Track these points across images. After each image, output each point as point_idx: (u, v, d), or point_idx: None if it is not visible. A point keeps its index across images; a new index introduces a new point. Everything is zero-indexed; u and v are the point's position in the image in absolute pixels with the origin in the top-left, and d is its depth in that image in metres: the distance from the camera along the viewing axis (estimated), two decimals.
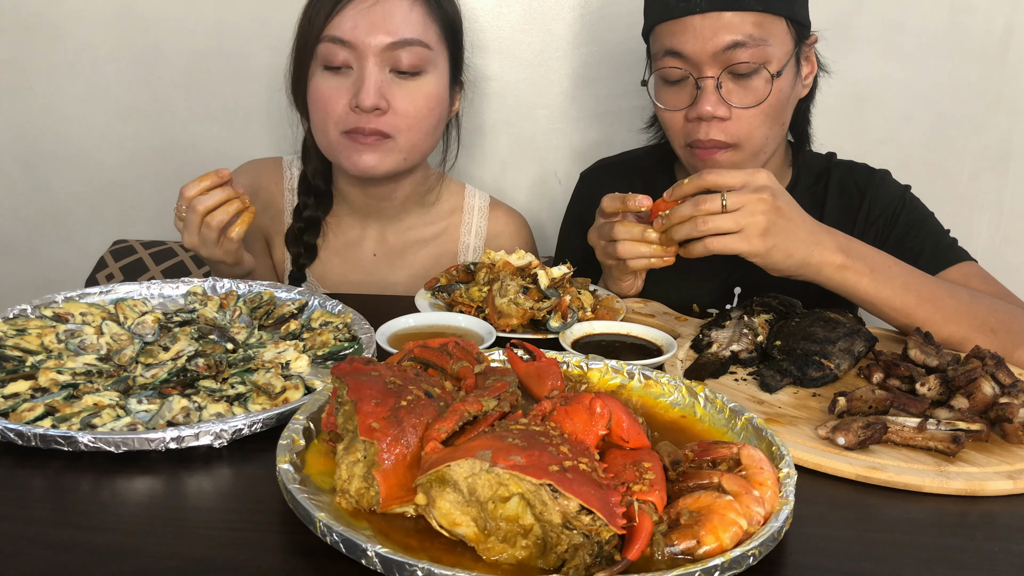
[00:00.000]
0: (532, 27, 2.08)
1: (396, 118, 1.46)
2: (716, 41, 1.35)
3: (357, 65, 1.44)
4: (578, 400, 0.82)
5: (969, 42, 2.06)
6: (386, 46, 1.42)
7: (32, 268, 2.26)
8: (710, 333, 1.25)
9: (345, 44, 1.42)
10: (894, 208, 1.55)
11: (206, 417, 0.94)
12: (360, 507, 0.76)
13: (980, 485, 0.91)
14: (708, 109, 1.37)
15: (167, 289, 1.30)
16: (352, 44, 1.42)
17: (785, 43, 1.39)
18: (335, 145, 1.49)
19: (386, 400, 0.78)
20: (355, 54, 1.43)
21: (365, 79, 1.42)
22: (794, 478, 0.80)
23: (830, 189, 1.59)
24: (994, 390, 1.05)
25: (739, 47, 1.35)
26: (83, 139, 2.15)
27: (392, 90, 1.45)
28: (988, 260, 2.20)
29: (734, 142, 1.41)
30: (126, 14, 2.06)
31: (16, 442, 0.88)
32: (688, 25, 1.36)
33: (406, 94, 1.46)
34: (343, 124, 1.46)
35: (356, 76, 1.44)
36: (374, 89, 1.42)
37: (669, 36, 1.39)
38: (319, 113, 1.47)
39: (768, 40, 1.36)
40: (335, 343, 1.15)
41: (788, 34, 1.39)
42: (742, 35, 1.34)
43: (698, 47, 1.36)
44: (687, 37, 1.36)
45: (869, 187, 1.57)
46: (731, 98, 1.38)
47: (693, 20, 1.35)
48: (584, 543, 0.68)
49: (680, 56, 1.38)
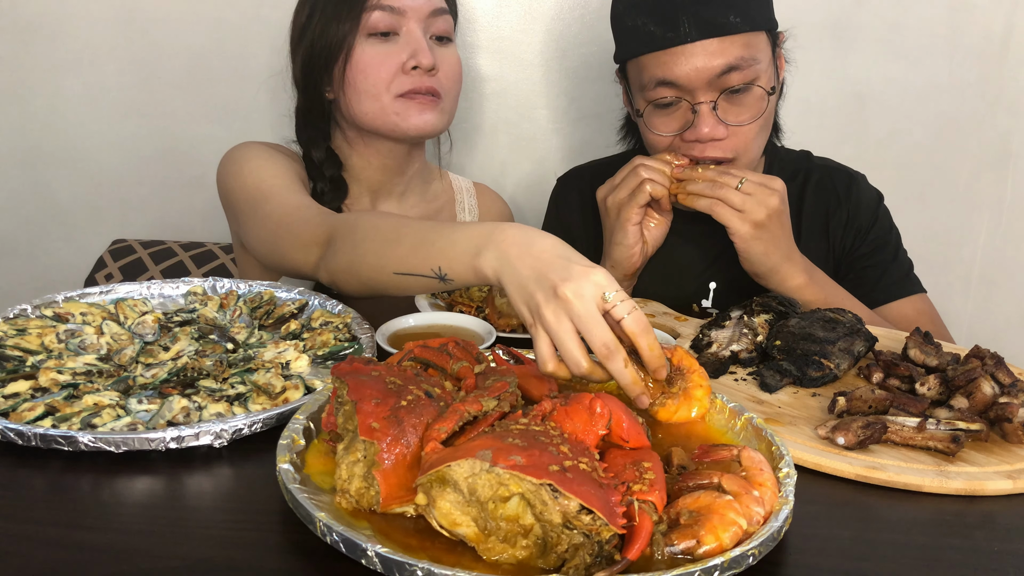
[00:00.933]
0: (532, 27, 2.08)
1: (443, 78, 1.53)
2: (710, 68, 1.35)
3: (406, 29, 1.50)
4: (578, 400, 0.82)
5: (969, 42, 2.06)
6: (429, 13, 1.51)
7: (32, 268, 2.26)
8: (710, 333, 1.25)
9: (395, 11, 1.48)
10: (868, 222, 1.60)
11: (206, 417, 0.94)
12: (360, 507, 0.76)
13: (980, 485, 0.91)
14: (706, 131, 1.39)
15: (167, 289, 1.30)
16: (401, 10, 1.49)
17: (767, 54, 1.42)
18: (388, 108, 1.51)
19: (386, 400, 0.78)
20: (403, 20, 1.49)
21: (419, 40, 1.49)
22: (794, 478, 0.81)
23: (808, 189, 1.62)
24: (994, 390, 1.05)
25: (732, 71, 1.36)
26: (83, 139, 2.15)
27: (436, 53, 1.52)
28: (988, 260, 2.22)
29: (733, 156, 1.43)
30: (126, 14, 2.06)
31: (16, 442, 0.88)
32: (678, 54, 1.36)
33: (444, 58, 1.54)
34: (398, 87, 1.50)
35: (405, 40, 1.50)
36: (429, 51, 1.49)
37: (659, 67, 1.38)
38: (370, 80, 1.50)
39: (757, 58, 1.38)
40: (335, 343, 1.15)
41: (768, 45, 1.43)
42: (734, 58, 1.35)
43: (692, 75, 1.36)
44: (679, 66, 1.36)
45: (848, 193, 1.61)
46: (727, 117, 1.40)
47: (683, 49, 1.35)
48: (584, 543, 0.68)
49: (672, 85, 1.38)
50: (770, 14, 1.43)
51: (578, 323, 0.91)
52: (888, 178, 1.68)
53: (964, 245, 2.20)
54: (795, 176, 1.62)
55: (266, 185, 1.44)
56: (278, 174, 1.47)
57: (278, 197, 1.41)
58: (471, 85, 2.12)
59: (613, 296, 0.92)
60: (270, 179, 1.45)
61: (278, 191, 1.42)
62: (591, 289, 0.91)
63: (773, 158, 1.63)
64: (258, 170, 1.47)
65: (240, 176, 1.48)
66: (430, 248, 1.10)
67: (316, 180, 1.58)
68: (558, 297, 0.91)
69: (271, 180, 1.45)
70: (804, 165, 1.64)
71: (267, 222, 1.39)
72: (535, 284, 0.94)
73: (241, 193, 1.47)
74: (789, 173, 1.61)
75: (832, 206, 1.59)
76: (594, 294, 0.91)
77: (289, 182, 1.46)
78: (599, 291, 0.91)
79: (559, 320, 0.91)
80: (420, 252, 1.12)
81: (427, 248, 1.11)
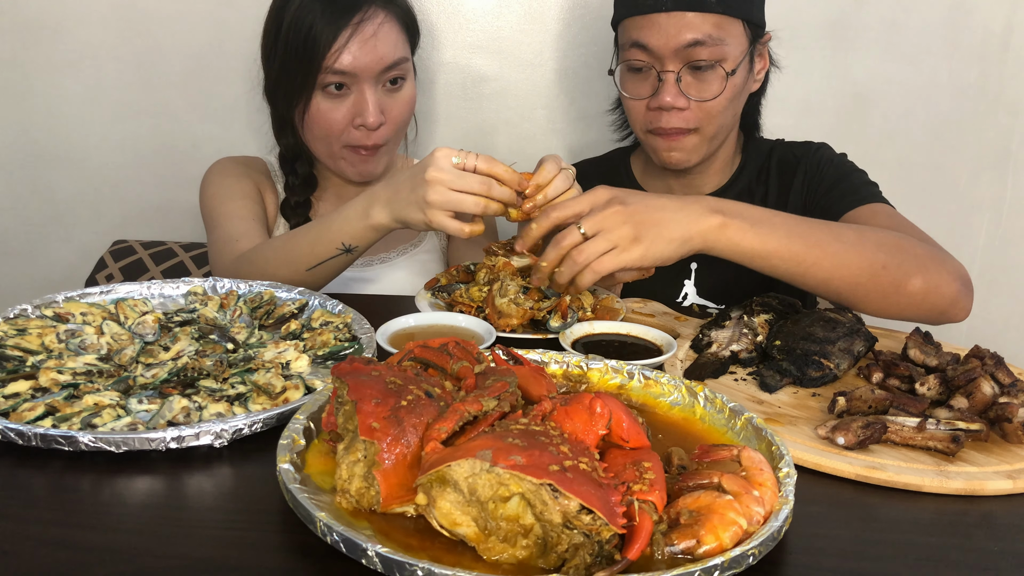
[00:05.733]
0: (532, 27, 2.08)
1: (388, 127, 1.62)
2: (678, 38, 1.45)
3: (356, 88, 1.57)
4: (578, 400, 0.82)
5: (969, 42, 2.06)
6: (380, 71, 1.57)
7: (32, 268, 2.26)
8: (710, 333, 1.25)
9: (346, 74, 1.55)
10: (822, 168, 1.63)
11: (206, 417, 0.94)
12: (360, 507, 0.76)
13: (980, 485, 0.91)
14: (668, 99, 1.49)
15: (167, 289, 1.30)
16: (353, 73, 1.55)
17: (741, 43, 1.50)
18: (336, 155, 1.65)
19: (386, 400, 0.78)
20: (354, 79, 1.56)
21: (367, 101, 1.57)
22: (794, 478, 0.81)
23: (771, 167, 1.69)
24: (994, 390, 1.05)
25: (699, 45, 1.46)
26: (83, 139, 2.15)
27: (385, 103, 1.61)
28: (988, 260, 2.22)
29: (694, 127, 1.53)
30: (126, 14, 2.06)
31: (16, 442, 0.88)
32: (654, 21, 1.47)
33: (394, 103, 1.62)
34: (345, 139, 1.61)
35: (356, 99, 1.58)
36: (376, 109, 1.58)
37: (636, 30, 1.50)
38: (322, 129, 1.61)
39: (726, 40, 1.47)
40: (335, 343, 1.15)
41: (744, 34, 1.51)
42: (702, 34, 1.45)
43: (662, 42, 1.47)
44: (652, 32, 1.47)
45: (803, 157, 1.66)
46: (689, 91, 1.50)
47: (659, 17, 1.46)
48: (584, 542, 0.68)
49: (645, 49, 1.49)
50: (752, 6, 1.50)
51: (452, 186, 1.19)
52: (888, 178, 1.67)
53: (964, 245, 2.20)
54: (765, 162, 1.71)
55: (216, 213, 1.62)
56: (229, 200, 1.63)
57: (220, 228, 1.59)
58: (471, 85, 2.12)
59: (459, 157, 1.20)
60: (219, 207, 1.62)
61: (224, 220, 1.60)
62: (443, 162, 1.20)
63: (750, 151, 1.72)
64: (213, 197, 1.65)
65: (203, 199, 1.67)
66: (328, 234, 1.33)
67: (288, 174, 1.72)
68: (427, 182, 1.19)
69: (220, 208, 1.62)
70: (771, 150, 1.71)
71: (210, 248, 1.60)
72: (410, 193, 1.23)
73: (203, 214, 1.67)
74: (760, 161, 1.71)
75: (791, 173, 1.66)
76: (447, 163, 1.19)
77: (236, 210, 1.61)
78: (448, 159, 1.20)
79: (440, 194, 1.19)
80: (322, 240, 1.34)
81: (326, 235, 1.34)
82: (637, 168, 1.77)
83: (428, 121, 2.14)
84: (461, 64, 2.11)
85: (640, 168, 1.77)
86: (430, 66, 2.10)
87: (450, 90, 2.13)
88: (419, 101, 1.75)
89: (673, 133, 1.53)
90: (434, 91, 2.12)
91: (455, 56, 2.10)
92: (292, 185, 1.72)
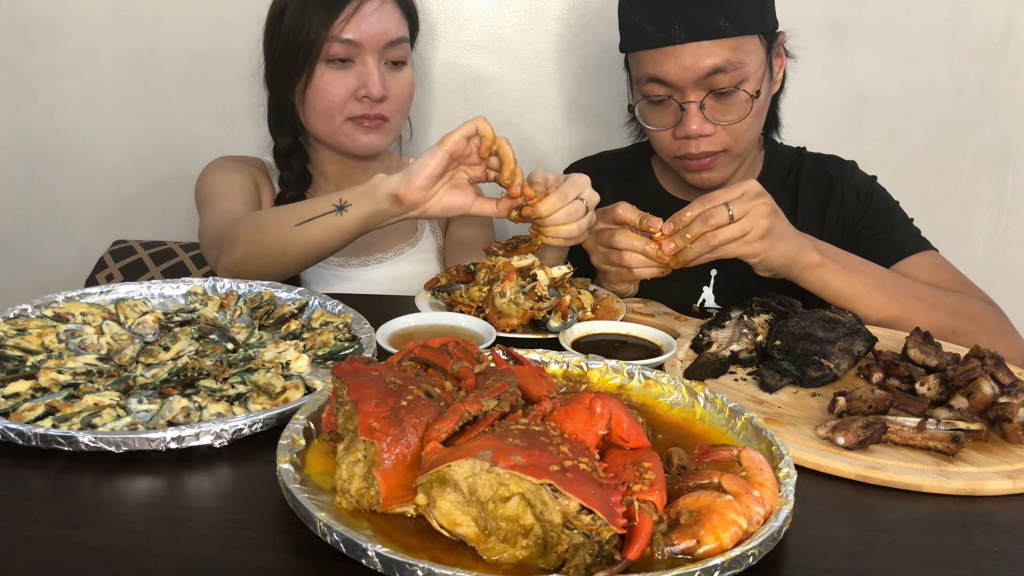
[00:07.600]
0: (532, 27, 2.08)
1: (391, 103, 1.66)
2: (696, 69, 1.43)
3: (360, 60, 1.62)
4: (578, 400, 0.82)
5: (969, 42, 2.06)
6: (384, 44, 1.62)
7: (32, 268, 2.26)
8: (710, 333, 1.25)
9: (352, 44, 1.60)
10: (864, 198, 1.63)
11: (206, 417, 0.94)
12: (360, 507, 0.76)
13: (980, 485, 0.91)
14: (694, 128, 1.47)
15: (167, 289, 1.30)
16: (358, 43, 1.60)
17: (759, 56, 1.48)
18: (339, 129, 1.66)
19: (386, 400, 0.78)
20: (358, 51, 1.61)
21: (371, 72, 1.61)
22: (794, 478, 0.81)
23: (802, 179, 1.68)
24: (994, 390, 1.05)
25: (719, 72, 1.43)
26: (83, 139, 2.15)
27: (387, 80, 1.65)
28: (988, 260, 2.22)
29: (723, 149, 1.51)
30: (126, 14, 2.06)
31: (16, 442, 0.88)
32: (668, 54, 1.44)
33: (395, 82, 1.67)
34: (348, 111, 1.64)
35: (360, 70, 1.62)
36: (380, 81, 1.62)
37: (652, 64, 1.47)
38: (324, 102, 1.63)
39: (744, 61, 1.44)
40: (335, 343, 1.15)
41: (761, 46, 1.49)
42: (721, 60, 1.42)
43: (680, 75, 1.44)
44: (669, 65, 1.44)
45: (840, 178, 1.66)
46: (714, 116, 1.48)
47: (674, 49, 1.43)
48: (584, 543, 0.68)
49: (663, 83, 1.47)
50: (765, 16, 1.47)
51: None
52: (888, 178, 1.68)
53: (964, 245, 2.20)
54: (790, 170, 1.69)
55: (211, 195, 1.63)
56: (223, 183, 1.65)
57: (213, 204, 1.60)
58: (471, 85, 2.12)
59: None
60: (215, 190, 1.64)
61: (217, 197, 1.61)
62: None
63: (772, 153, 1.70)
64: (210, 183, 1.67)
65: (198, 188, 1.69)
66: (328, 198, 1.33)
67: (283, 169, 1.74)
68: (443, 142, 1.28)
69: (215, 190, 1.64)
70: (798, 159, 1.71)
71: (201, 224, 1.60)
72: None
73: (197, 201, 1.69)
74: (785, 168, 1.69)
75: (826, 191, 1.65)
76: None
77: (228, 192, 1.63)
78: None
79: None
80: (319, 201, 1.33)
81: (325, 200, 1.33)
82: (658, 166, 1.75)
83: (427, 121, 2.13)
84: (461, 64, 2.11)
85: (660, 167, 1.75)
86: (429, 66, 2.10)
87: (450, 90, 2.13)
88: (417, 101, 1.76)
89: (703, 158, 1.51)
90: (433, 91, 2.12)
91: (455, 56, 2.10)
92: (287, 180, 1.74)
